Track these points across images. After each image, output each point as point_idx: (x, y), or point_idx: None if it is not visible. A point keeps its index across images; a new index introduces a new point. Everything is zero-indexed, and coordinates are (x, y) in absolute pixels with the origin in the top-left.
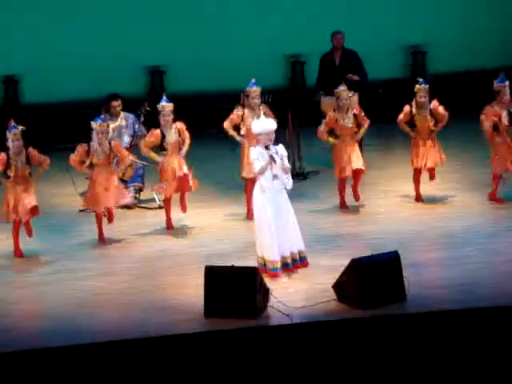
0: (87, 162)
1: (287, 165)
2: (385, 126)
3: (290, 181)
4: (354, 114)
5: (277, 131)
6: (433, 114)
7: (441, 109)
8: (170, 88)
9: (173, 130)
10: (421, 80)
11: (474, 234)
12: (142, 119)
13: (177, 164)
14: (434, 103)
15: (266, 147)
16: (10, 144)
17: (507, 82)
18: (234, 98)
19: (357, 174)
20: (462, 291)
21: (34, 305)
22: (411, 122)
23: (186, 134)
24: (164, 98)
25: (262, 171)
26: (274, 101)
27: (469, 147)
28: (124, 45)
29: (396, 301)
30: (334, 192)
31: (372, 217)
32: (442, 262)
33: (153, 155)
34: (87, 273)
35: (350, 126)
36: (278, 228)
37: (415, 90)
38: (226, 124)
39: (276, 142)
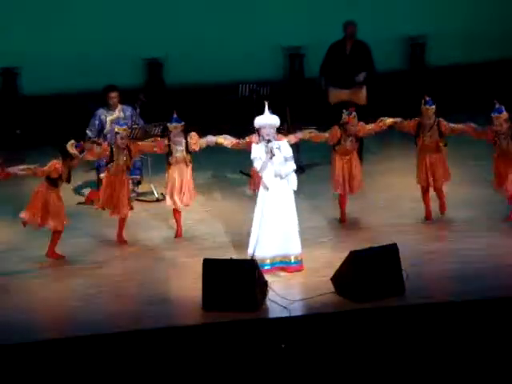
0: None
1: (283, 171)
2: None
3: (293, 180)
4: (356, 136)
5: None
6: (441, 133)
7: (449, 127)
8: (168, 80)
9: (182, 147)
10: (428, 99)
11: (473, 227)
12: (138, 111)
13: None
14: (443, 126)
15: (269, 141)
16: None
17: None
18: (232, 90)
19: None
20: (461, 283)
21: (31, 297)
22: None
23: (200, 142)
24: (175, 116)
25: (262, 169)
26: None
27: (468, 140)
28: (122, 37)
29: (394, 294)
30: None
31: (371, 209)
32: (441, 254)
33: None
34: (85, 265)
35: (350, 145)
36: (270, 228)
37: (421, 111)
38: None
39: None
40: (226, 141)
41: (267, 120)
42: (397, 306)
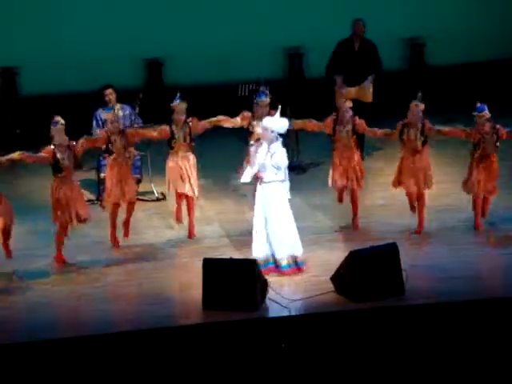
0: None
1: (265, 176)
2: (383, 118)
3: (284, 188)
4: (353, 128)
5: None
6: (424, 133)
7: (434, 129)
8: (169, 80)
9: (186, 130)
10: (419, 95)
11: (472, 226)
12: (137, 110)
13: (184, 170)
14: (426, 127)
15: (258, 140)
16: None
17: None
18: (233, 90)
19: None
20: (461, 283)
21: (33, 297)
22: (400, 138)
23: (201, 124)
24: (178, 95)
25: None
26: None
27: (468, 140)
28: (122, 37)
29: (394, 294)
30: None
31: (371, 209)
32: (440, 254)
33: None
34: (85, 265)
35: (346, 136)
36: (260, 229)
37: (410, 107)
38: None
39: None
40: (223, 119)
41: (271, 124)
42: (396, 305)
